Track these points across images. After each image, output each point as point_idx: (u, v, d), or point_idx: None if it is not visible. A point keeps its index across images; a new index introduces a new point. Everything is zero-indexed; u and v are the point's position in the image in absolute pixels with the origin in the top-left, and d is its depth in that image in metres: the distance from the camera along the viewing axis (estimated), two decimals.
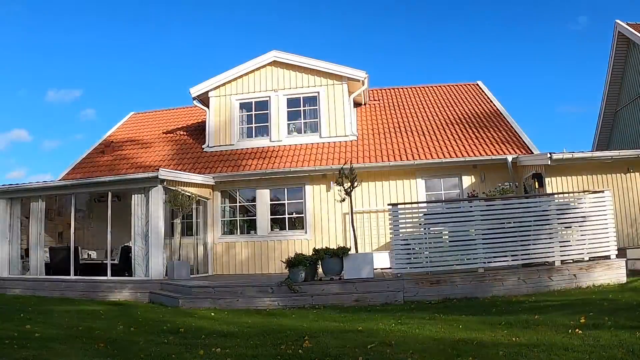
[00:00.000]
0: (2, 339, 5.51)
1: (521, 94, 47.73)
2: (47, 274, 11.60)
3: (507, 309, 6.90)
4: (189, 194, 11.88)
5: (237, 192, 13.86)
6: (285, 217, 13.45)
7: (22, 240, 12.35)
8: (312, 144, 14.02)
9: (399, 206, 9.28)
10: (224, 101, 14.87)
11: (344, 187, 9.76)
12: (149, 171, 11.57)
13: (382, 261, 11.13)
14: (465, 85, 17.98)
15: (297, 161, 13.29)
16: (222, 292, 9.00)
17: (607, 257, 8.86)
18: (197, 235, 13.07)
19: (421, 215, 9.36)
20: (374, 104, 16.61)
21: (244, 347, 5.08)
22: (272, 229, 13.38)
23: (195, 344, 5.26)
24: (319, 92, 14.39)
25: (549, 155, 10.32)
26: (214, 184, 13.26)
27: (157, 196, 10.97)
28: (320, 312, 7.63)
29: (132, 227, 11.08)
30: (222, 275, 12.93)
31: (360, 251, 9.96)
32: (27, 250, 12.25)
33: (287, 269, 9.07)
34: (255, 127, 14.78)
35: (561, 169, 10.80)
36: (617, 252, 8.98)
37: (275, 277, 10.18)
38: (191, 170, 13.62)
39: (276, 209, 13.59)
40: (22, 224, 12.37)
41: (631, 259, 9.74)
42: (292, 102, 14.65)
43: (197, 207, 12.98)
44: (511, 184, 11.76)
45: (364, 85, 14.53)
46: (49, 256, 12.07)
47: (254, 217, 13.44)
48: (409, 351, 4.53)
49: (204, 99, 15.16)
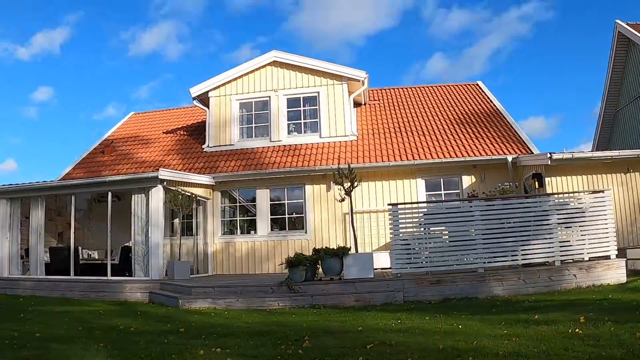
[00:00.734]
0: (2, 339, 5.51)
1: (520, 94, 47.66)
2: (47, 274, 11.59)
3: (507, 309, 6.90)
4: (189, 194, 11.89)
5: (237, 192, 13.87)
6: (285, 217, 13.45)
7: (22, 240, 12.34)
8: (312, 144, 14.03)
9: (399, 206, 9.28)
10: (224, 101, 14.87)
11: (344, 187, 9.76)
12: (148, 171, 11.57)
13: (382, 261, 11.13)
14: (465, 85, 18.00)
15: (297, 161, 13.29)
16: (222, 292, 8.99)
17: (607, 257, 8.86)
18: (197, 235, 13.07)
19: (421, 215, 9.35)
20: (374, 104, 16.62)
21: (244, 347, 5.08)
22: (272, 229, 13.38)
23: (195, 344, 5.25)
24: (319, 92, 14.39)
25: (549, 155, 10.33)
26: (214, 184, 13.27)
27: (157, 196, 10.98)
28: (320, 312, 7.62)
29: (132, 227, 11.09)
30: (222, 275, 12.94)
31: (360, 251, 9.96)
32: (27, 250, 12.24)
33: (287, 269, 9.06)
34: (255, 127, 14.78)
35: (561, 169, 10.81)
36: (617, 252, 8.98)
37: (275, 277, 10.18)
38: (191, 170, 13.64)
39: (276, 209, 13.60)
40: (22, 224, 12.37)
41: (631, 259, 9.74)
42: (292, 102, 14.65)
43: (197, 207, 12.99)
44: (511, 184, 11.77)
45: (364, 85, 14.53)
46: (49, 256, 12.06)
47: (254, 217, 13.45)
48: (409, 351, 4.53)
49: (204, 99, 15.17)
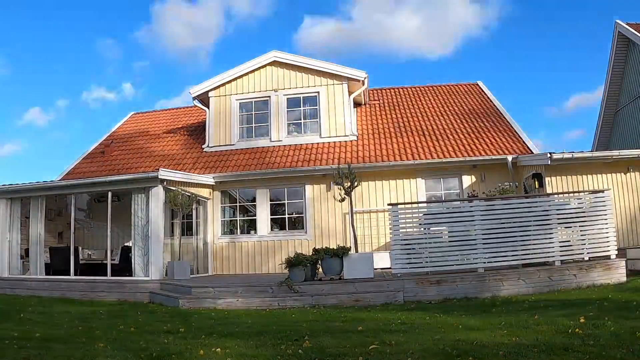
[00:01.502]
0: (2, 339, 5.50)
1: (520, 93, 47.67)
2: (47, 274, 11.60)
3: (507, 309, 6.90)
4: (189, 194, 11.88)
5: (237, 192, 13.87)
6: (285, 217, 13.45)
7: (22, 240, 12.34)
8: (312, 144, 14.03)
9: (399, 206, 9.28)
10: (223, 101, 14.87)
11: (344, 187, 9.76)
12: (148, 171, 11.57)
13: (382, 261, 11.13)
14: (465, 85, 17.99)
15: (297, 161, 13.29)
16: (222, 292, 8.99)
17: (607, 257, 8.86)
18: (197, 235, 13.07)
19: (421, 215, 9.35)
20: (374, 104, 16.62)
21: (244, 347, 5.07)
22: (272, 229, 13.38)
23: (195, 344, 5.25)
24: (319, 92, 14.39)
25: (549, 155, 10.33)
26: (214, 184, 13.27)
27: (157, 196, 10.97)
28: (320, 312, 7.62)
29: (132, 227, 11.09)
30: (222, 275, 12.94)
31: (360, 251, 9.96)
32: (27, 250, 12.24)
33: (287, 268, 9.06)
34: (255, 127, 14.78)
35: (561, 168, 10.81)
36: (617, 252, 8.98)
37: (275, 277, 10.17)
38: (191, 170, 13.64)
39: (276, 209, 13.60)
40: (22, 224, 12.37)
41: (631, 259, 9.75)
42: (292, 102, 14.65)
43: (197, 207, 12.98)
44: (511, 183, 11.76)
45: (364, 85, 14.53)
46: (49, 256, 12.06)
47: (254, 217, 13.45)
48: (409, 351, 4.52)
49: (204, 99, 15.17)
